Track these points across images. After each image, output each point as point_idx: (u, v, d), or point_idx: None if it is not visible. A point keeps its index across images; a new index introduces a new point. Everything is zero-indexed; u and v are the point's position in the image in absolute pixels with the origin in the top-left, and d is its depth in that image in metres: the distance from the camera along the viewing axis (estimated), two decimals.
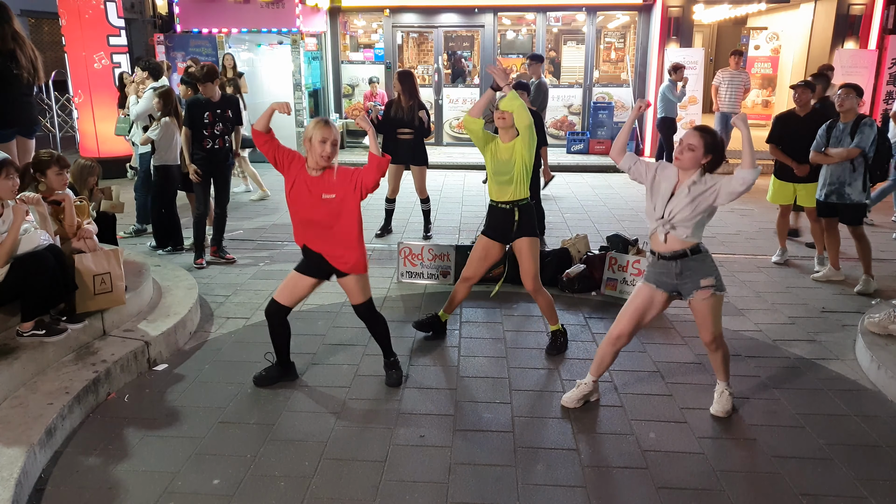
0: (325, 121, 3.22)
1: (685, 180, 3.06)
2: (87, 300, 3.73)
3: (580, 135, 11.71)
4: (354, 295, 3.47)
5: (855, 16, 10.28)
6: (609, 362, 3.36)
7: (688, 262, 3.10)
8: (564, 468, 2.88)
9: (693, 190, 3.03)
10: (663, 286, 3.19)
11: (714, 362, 3.34)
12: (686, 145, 3.02)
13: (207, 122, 5.31)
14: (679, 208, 3.04)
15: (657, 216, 3.12)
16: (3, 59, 4.15)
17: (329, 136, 3.17)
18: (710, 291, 3.09)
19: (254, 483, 2.76)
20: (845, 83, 5.03)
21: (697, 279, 3.09)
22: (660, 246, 3.14)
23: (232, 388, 3.54)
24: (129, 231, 6.60)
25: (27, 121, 4.56)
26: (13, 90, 4.28)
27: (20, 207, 3.39)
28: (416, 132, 6.23)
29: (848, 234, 5.11)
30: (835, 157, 4.88)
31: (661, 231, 3.11)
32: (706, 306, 3.12)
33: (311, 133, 3.18)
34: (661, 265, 3.17)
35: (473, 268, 4.02)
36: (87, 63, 9.11)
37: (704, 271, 3.10)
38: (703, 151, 3.01)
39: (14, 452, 2.71)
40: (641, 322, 3.28)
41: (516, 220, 3.82)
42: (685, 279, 3.12)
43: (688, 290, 3.14)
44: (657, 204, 3.13)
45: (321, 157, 3.17)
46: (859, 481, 2.80)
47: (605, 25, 12.57)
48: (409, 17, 12.09)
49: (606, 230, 6.48)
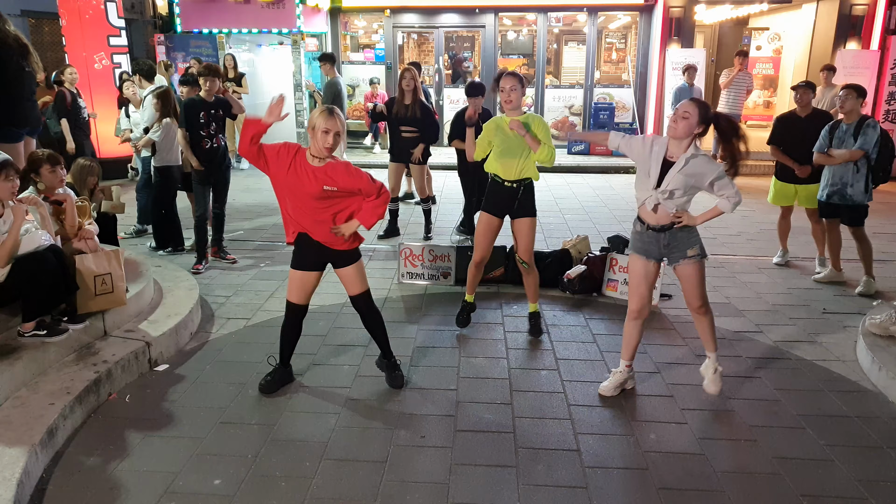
0: (331, 110, 3.14)
1: (681, 153, 3.19)
2: (88, 301, 3.73)
3: None
4: (354, 284, 3.42)
5: (857, 16, 10.27)
6: (637, 340, 3.50)
7: (675, 233, 3.28)
8: (565, 469, 2.88)
9: (690, 164, 3.16)
10: (651, 255, 3.37)
11: (702, 330, 3.49)
12: (681, 113, 3.16)
13: (203, 123, 5.32)
14: (675, 182, 3.18)
15: (652, 185, 3.24)
16: (16, 57, 4.04)
17: (333, 128, 3.10)
18: (696, 260, 3.30)
19: (255, 483, 2.76)
20: (846, 84, 5.03)
21: (685, 249, 3.29)
22: (650, 217, 3.30)
23: (233, 389, 3.54)
24: (130, 232, 6.60)
25: (36, 120, 4.51)
26: (25, 89, 4.18)
27: (20, 208, 3.39)
28: (420, 130, 6.18)
29: (849, 236, 5.11)
30: (838, 159, 4.87)
31: (651, 201, 3.25)
32: (693, 271, 3.31)
33: (316, 122, 3.13)
34: (649, 235, 3.33)
35: (483, 248, 4.12)
36: (88, 63, 9.12)
37: (690, 242, 3.29)
38: (698, 120, 3.15)
39: (16, 452, 2.72)
40: (645, 295, 3.44)
41: (518, 199, 3.93)
42: (672, 249, 3.31)
43: (675, 258, 3.34)
44: (652, 173, 3.24)
45: (324, 147, 3.12)
46: (860, 482, 2.79)
47: (607, 26, 12.58)
48: (409, 18, 12.09)
49: (607, 231, 6.48)
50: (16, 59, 4.01)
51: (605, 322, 4.51)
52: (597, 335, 4.29)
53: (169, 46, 10.73)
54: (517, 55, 12.94)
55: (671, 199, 3.22)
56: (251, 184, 9.23)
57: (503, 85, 3.85)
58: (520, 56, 12.94)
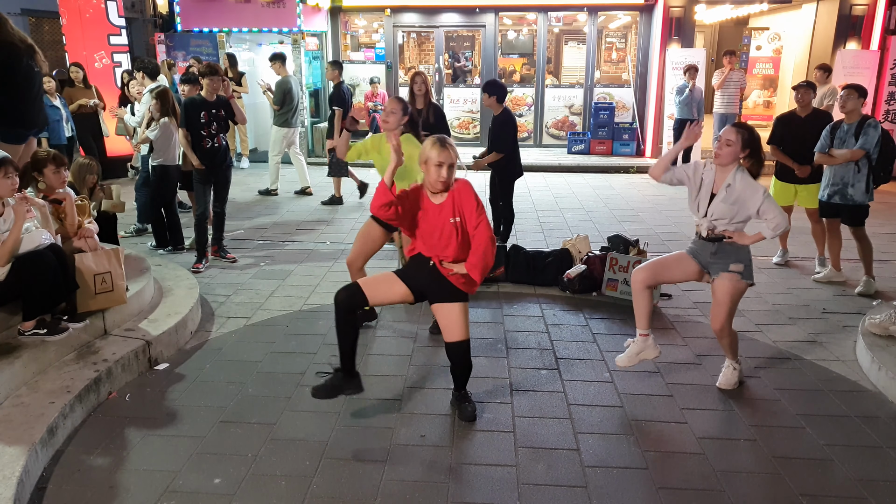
0: (443, 141, 2.91)
1: (722, 181, 3.23)
2: (88, 299, 3.73)
3: (581, 135, 11.71)
4: (455, 327, 3.04)
5: (857, 16, 10.26)
6: (650, 308, 3.45)
7: (724, 245, 3.30)
8: (565, 468, 2.88)
9: (729, 193, 3.20)
10: (698, 258, 3.42)
11: (723, 347, 3.54)
12: (724, 141, 3.20)
13: (204, 122, 5.32)
14: (719, 211, 3.24)
15: (700, 215, 3.31)
16: (25, 57, 3.92)
17: (446, 160, 2.90)
18: (738, 276, 3.27)
19: (255, 482, 2.76)
20: (847, 84, 5.02)
21: (728, 263, 3.29)
22: (703, 229, 3.37)
23: (233, 388, 3.55)
24: (130, 230, 6.61)
25: (43, 121, 4.41)
26: (34, 89, 4.07)
27: (22, 207, 3.39)
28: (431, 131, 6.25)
29: (849, 235, 5.11)
30: (839, 159, 4.87)
31: (703, 228, 3.34)
32: (727, 287, 3.30)
33: (428, 154, 2.91)
34: (700, 244, 3.40)
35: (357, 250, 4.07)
36: (88, 62, 9.12)
37: (738, 257, 3.29)
38: (741, 146, 3.18)
39: (16, 451, 2.72)
40: (662, 274, 3.46)
41: None
42: (718, 259, 3.33)
43: (716, 269, 3.35)
44: (700, 203, 3.31)
45: (437, 181, 2.92)
46: (859, 482, 2.80)
47: (607, 26, 12.57)
48: (410, 17, 12.09)
49: (607, 230, 6.48)
50: (25, 59, 3.91)
51: (604, 322, 4.51)
52: (596, 335, 4.29)
53: (169, 45, 10.72)
54: (517, 55, 12.94)
55: (723, 224, 3.26)
56: (252, 183, 9.23)
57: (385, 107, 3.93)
58: (520, 55, 12.94)
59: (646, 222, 7.32)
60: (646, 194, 8.93)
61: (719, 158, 3.22)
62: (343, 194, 8.25)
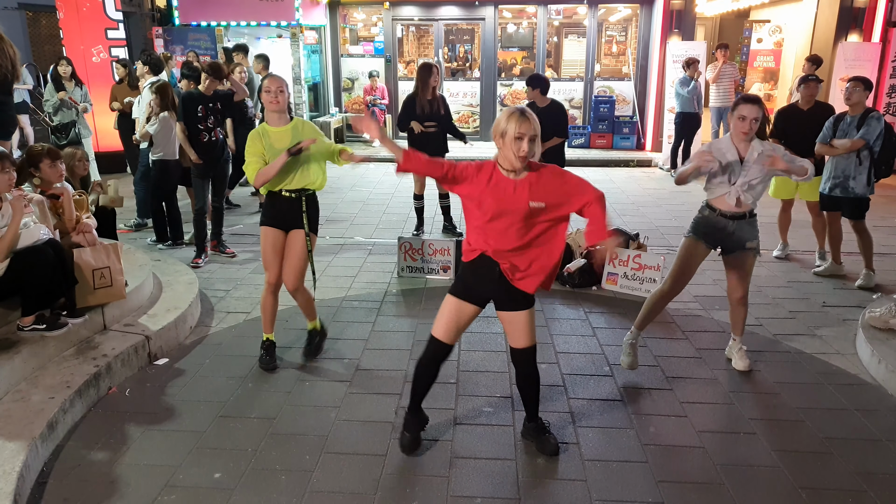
0: (522, 111, 2.59)
1: (747, 148, 3.41)
2: (87, 295, 3.73)
3: (581, 129, 11.68)
4: (521, 334, 2.83)
5: (859, 8, 10.21)
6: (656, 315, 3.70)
7: (742, 223, 3.48)
8: (565, 462, 2.88)
9: (760, 157, 3.39)
10: (708, 240, 3.54)
11: (736, 318, 3.72)
12: (751, 119, 3.34)
13: (201, 116, 5.31)
14: (753, 172, 3.39)
15: (733, 182, 3.43)
16: None
17: (528, 132, 2.56)
18: (753, 253, 3.52)
19: (255, 477, 2.77)
20: (853, 76, 4.98)
21: (744, 240, 3.49)
22: (725, 206, 3.47)
23: (233, 383, 3.55)
24: (130, 225, 6.60)
25: (5, 122, 4.26)
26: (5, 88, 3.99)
27: (20, 202, 3.38)
28: (440, 124, 6.27)
29: (849, 229, 5.10)
30: (839, 149, 4.85)
31: (733, 194, 3.43)
32: (752, 261, 3.55)
33: (505, 127, 2.58)
34: (717, 221, 3.50)
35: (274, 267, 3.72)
36: (86, 56, 9.09)
37: (752, 234, 3.51)
38: (762, 117, 3.41)
39: (16, 446, 2.72)
40: (687, 279, 3.60)
41: (304, 211, 3.63)
42: (735, 238, 3.50)
43: (732, 247, 3.53)
44: (732, 174, 3.43)
45: (518, 156, 2.57)
46: (859, 475, 2.80)
47: (607, 19, 12.53)
48: (409, 10, 12.04)
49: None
50: None
51: (604, 316, 4.51)
52: (596, 329, 4.28)
53: (167, 39, 10.67)
54: (517, 48, 12.89)
55: (750, 191, 3.42)
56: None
57: (269, 86, 3.48)
58: (520, 49, 12.89)
59: (646, 216, 7.31)
60: (646, 188, 8.91)
61: (749, 135, 3.39)
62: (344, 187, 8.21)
